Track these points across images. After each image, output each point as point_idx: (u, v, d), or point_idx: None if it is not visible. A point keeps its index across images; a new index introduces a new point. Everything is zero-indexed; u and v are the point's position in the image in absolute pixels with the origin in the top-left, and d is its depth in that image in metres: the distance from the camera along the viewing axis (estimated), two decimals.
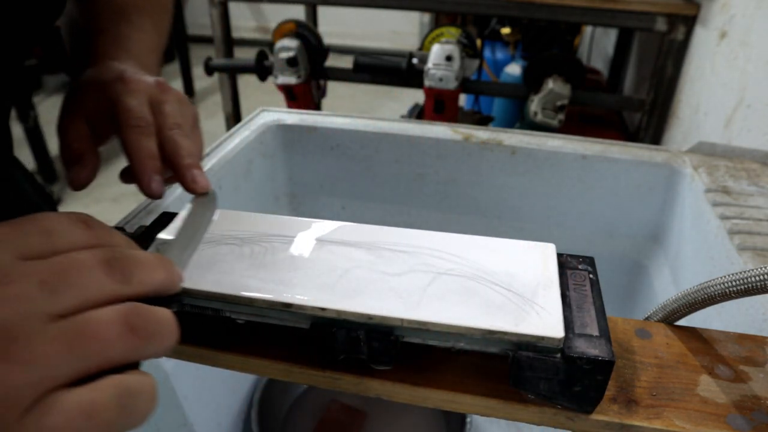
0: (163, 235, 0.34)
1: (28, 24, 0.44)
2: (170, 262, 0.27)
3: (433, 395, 0.33)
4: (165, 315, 0.24)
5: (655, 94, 1.50)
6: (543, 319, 0.30)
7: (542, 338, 0.29)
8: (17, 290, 0.21)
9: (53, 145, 2.43)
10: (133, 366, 0.23)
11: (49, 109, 2.98)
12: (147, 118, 0.39)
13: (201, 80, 3.34)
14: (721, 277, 0.33)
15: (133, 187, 0.40)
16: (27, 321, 0.21)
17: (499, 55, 2.29)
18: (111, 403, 0.21)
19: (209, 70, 1.82)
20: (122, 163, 0.40)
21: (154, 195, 0.38)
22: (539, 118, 1.48)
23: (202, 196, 0.39)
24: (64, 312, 0.22)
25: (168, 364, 0.61)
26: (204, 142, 0.45)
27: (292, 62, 1.61)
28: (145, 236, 0.37)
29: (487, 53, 2.28)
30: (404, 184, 0.83)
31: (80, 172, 0.40)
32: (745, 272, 0.32)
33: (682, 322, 0.37)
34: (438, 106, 1.54)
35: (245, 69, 1.74)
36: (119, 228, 0.40)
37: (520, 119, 1.71)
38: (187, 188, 0.39)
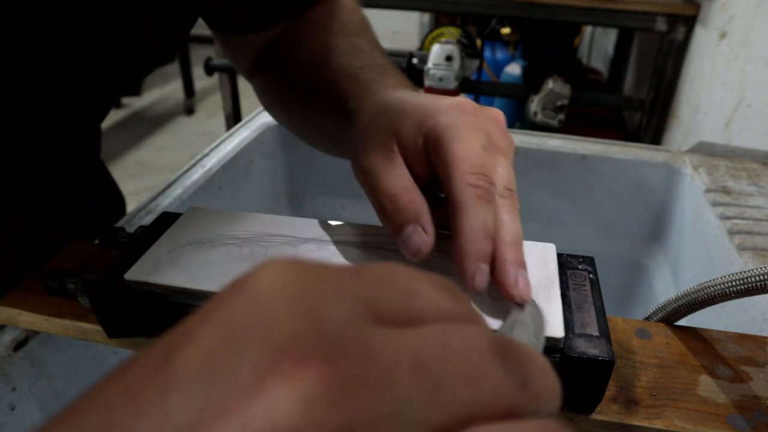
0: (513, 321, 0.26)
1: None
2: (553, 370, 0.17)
3: None
4: None
5: (655, 94, 1.51)
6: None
7: None
8: (382, 373, 0.12)
9: None
10: None
11: None
12: (489, 174, 0.29)
13: (201, 80, 3.34)
14: (721, 277, 0.33)
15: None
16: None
17: (499, 55, 2.30)
18: None
19: (209, 70, 1.82)
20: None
21: (473, 288, 0.28)
22: (539, 118, 1.48)
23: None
24: (447, 426, 0.13)
25: None
26: None
27: None
28: (145, 236, 0.37)
29: (487, 53, 2.28)
30: None
31: (421, 236, 0.29)
32: (745, 272, 0.32)
33: (682, 322, 0.37)
34: None
35: None
36: (119, 228, 0.40)
37: (520, 119, 1.71)
38: (503, 291, 0.28)
